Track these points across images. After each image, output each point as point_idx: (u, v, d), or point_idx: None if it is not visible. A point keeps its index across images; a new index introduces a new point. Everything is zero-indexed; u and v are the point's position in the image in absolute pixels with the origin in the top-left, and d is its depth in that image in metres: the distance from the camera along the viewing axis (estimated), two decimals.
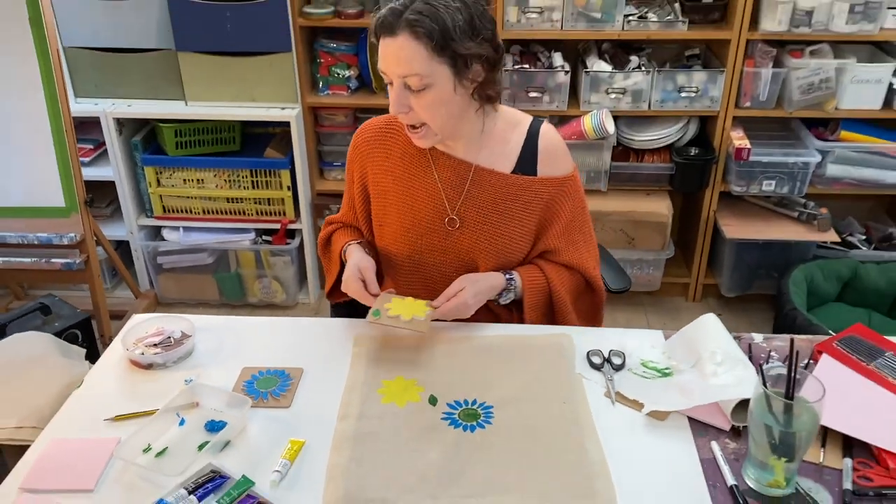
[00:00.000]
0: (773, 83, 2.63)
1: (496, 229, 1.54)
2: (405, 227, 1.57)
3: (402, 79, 1.36)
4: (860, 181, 2.75)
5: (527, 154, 1.54)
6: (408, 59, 1.34)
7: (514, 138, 1.55)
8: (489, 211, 1.54)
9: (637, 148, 2.80)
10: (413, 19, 1.32)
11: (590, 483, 1.16)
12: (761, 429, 1.12)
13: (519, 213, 1.54)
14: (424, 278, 1.61)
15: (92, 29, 2.71)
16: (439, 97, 1.38)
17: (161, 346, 1.46)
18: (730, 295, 2.95)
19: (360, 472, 1.18)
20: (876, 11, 2.50)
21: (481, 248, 1.55)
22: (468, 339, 1.49)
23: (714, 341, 1.40)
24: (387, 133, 1.58)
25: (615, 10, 2.58)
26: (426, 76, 1.35)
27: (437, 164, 1.54)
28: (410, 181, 1.55)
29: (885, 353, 1.40)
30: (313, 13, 2.65)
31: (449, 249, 1.57)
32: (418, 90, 1.37)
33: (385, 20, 1.34)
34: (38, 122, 2.39)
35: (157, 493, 1.15)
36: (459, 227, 1.55)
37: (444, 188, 1.54)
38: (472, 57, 1.37)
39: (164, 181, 2.87)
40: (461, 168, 1.53)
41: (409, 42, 1.33)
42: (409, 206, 1.56)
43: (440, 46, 1.33)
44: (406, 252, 1.59)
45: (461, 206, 1.54)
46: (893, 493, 1.15)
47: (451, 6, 1.34)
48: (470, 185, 1.53)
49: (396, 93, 1.39)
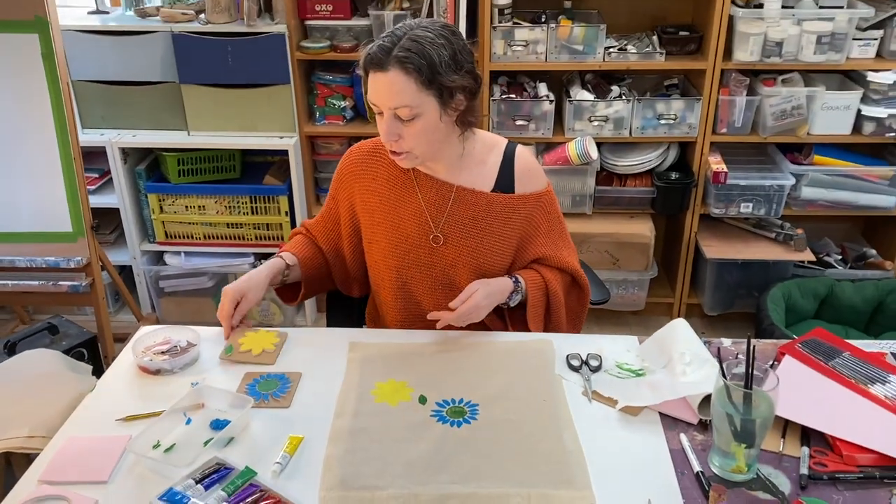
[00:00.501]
0: (747, 110, 2.77)
1: (477, 244, 1.65)
2: (392, 245, 1.67)
3: (393, 110, 1.47)
4: (834, 203, 2.88)
5: (504, 174, 1.66)
6: (398, 92, 1.45)
7: (492, 160, 1.67)
8: (470, 227, 1.65)
9: (620, 173, 2.93)
10: (403, 56, 1.43)
11: (567, 470, 1.26)
12: (723, 418, 1.22)
13: (499, 229, 1.65)
14: (409, 292, 1.70)
15: (99, 63, 2.84)
16: (427, 125, 1.50)
17: (168, 353, 1.56)
18: (712, 313, 3.06)
19: (354, 462, 1.28)
20: (842, 42, 2.65)
21: (463, 263, 1.66)
22: (456, 345, 1.59)
23: (683, 343, 1.50)
24: (374, 157, 1.69)
25: (596, 43, 2.73)
26: (415, 107, 1.46)
27: (421, 186, 1.65)
28: (396, 202, 1.66)
29: (843, 354, 1.51)
30: (310, 47, 2.79)
31: (434, 264, 1.67)
32: (407, 120, 1.48)
33: (375, 56, 1.45)
34: (48, 151, 2.50)
35: (166, 484, 1.23)
36: (443, 243, 1.65)
37: (427, 208, 1.65)
38: (456, 88, 1.49)
39: (166, 208, 2.99)
40: (444, 189, 1.64)
41: (400, 77, 1.44)
42: (396, 225, 1.66)
43: (428, 80, 1.45)
44: (394, 267, 1.68)
45: (444, 223, 1.65)
46: (845, 476, 1.24)
47: (437, 42, 1.45)
48: (452, 204, 1.64)
49: (387, 123, 1.49)
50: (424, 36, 1.45)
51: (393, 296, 1.72)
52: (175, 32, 2.75)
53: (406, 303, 1.71)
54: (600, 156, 2.85)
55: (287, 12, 2.74)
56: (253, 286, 1.64)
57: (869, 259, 3.01)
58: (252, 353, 1.57)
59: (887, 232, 3.02)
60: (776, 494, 1.21)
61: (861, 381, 1.43)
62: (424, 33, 1.45)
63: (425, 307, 1.68)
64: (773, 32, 2.63)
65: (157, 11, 2.85)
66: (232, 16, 2.79)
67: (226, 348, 1.58)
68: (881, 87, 2.68)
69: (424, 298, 1.69)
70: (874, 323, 2.85)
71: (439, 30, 1.48)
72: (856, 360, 1.49)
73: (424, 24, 1.48)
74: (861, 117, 2.75)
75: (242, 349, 1.58)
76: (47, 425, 1.83)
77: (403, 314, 1.72)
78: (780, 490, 1.22)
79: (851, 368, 1.46)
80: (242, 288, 1.63)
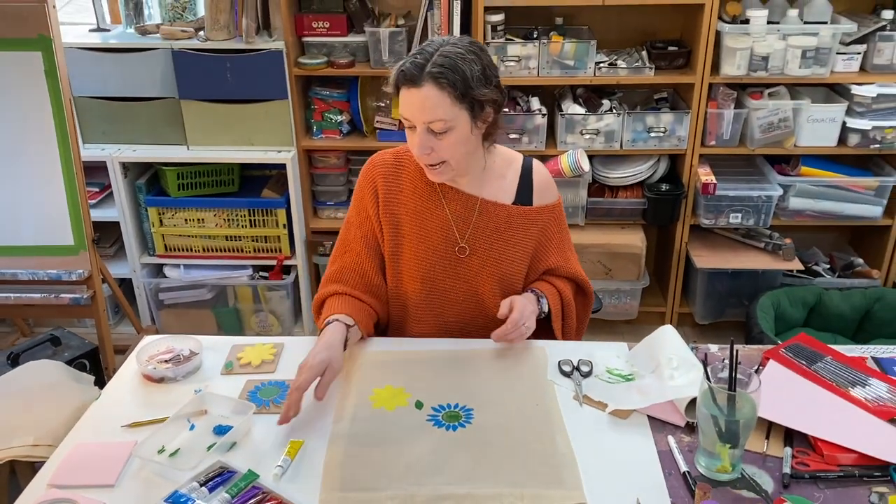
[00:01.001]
0: (735, 123, 2.83)
1: (500, 255, 1.70)
2: (419, 257, 1.70)
3: (427, 124, 1.51)
4: (821, 213, 2.94)
5: (523, 187, 1.72)
6: (433, 106, 1.48)
7: (510, 174, 1.73)
8: (493, 239, 1.70)
9: (611, 185, 2.99)
10: (437, 72, 1.47)
11: (558, 472, 1.30)
12: (708, 420, 1.27)
13: (519, 240, 1.71)
14: (432, 303, 1.73)
15: (100, 80, 2.89)
16: (459, 138, 1.54)
17: (171, 362, 1.60)
18: (703, 322, 3.11)
19: (353, 466, 1.32)
20: (826, 57, 2.71)
21: (487, 273, 1.70)
22: (451, 352, 1.64)
23: (671, 349, 1.56)
24: (397, 169, 1.70)
25: (587, 58, 2.80)
26: (449, 121, 1.50)
27: (447, 199, 1.68)
28: (423, 214, 1.69)
29: (825, 358, 1.56)
30: (308, 63, 2.85)
31: (459, 275, 1.71)
32: (441, 133, 1.52)
33: (409, 73, 1.49)
34: (50, 166, 2.55)
35: (171, 488, 1.28)
36: (468, 254, 1.70)
37: (454, 220, 1.69)
38: (486, 101, 1.54)
39: (166, 221, 3.03)
40: (469, 201, 1.69)
41: (434, 92, 1.48)
42: (423, 237, 1.69)
43: (461, 94, 1.49)
44: (419, 278, 1.71)
45: (470, 235, 1.69)
46: (826, 475, 1.29)
47: (467, 58, 1.50)
48: (477, 216, 1.69)
49: (420, 137, 1.52)
50: (455, 52, 1.49)
51: (416, 307, 1.74)
52: (175, 49, 2.80)
53: (430, 314, 1.74)
54: (592, 168, 2.91)
55: (285, 29, 2.80)
56: (335, 356, 1.51)
57: (856, 268, 3.07)
58: (252, 366, 1.62)
59: (874, 241, 3.09)
60: (760, 493, 1.26)
61: (842, 385, 1.48)
62: (454, 49, 1.50)
63: (448, 317, 1.73)
64: (760, 47, 2.70)
65: (157, 29, 2.91)
66: (231, 33, 2.85)
67: (226, 364, 1.63)
68: (865, 100, 2.74)
69: (448, 309, 1.73)
70: (862, 331, 2.91)
71: (468, 46, 1.52)
72: (837, 364, 1.54)
73: (453, 41, 1.52)
74: (846, 129, 2.82)
75: (242, 363, 1.63)
76: (52, 434, 1.86)
77: (426, 325, 1.75)
78: (763, 489, 1.27)
79: (833, 372, 1.52)
80: (325, 359, 1.48)
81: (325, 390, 1.47)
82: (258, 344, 1.68)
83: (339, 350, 1.54)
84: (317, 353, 1.49)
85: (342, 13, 2.89)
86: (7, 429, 1.89)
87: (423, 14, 2.80)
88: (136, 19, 3.00)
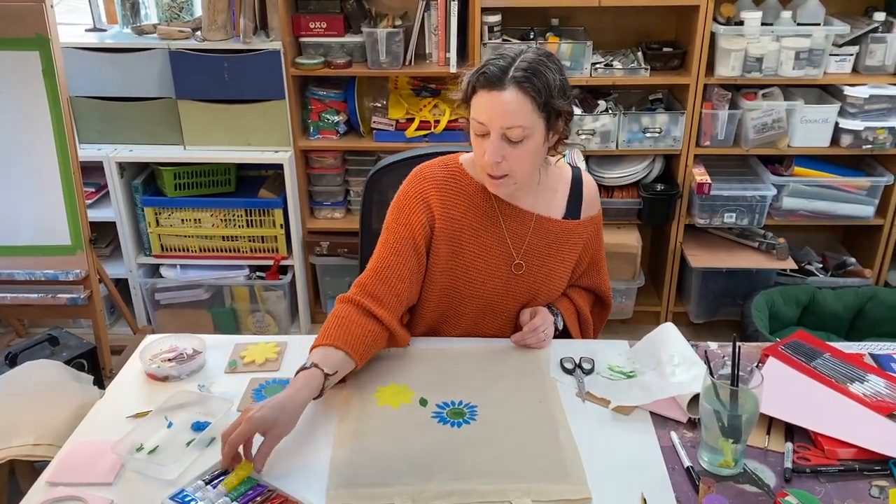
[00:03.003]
0: (729, 123, 2.86)
1: (550, 271, 1.69)
2: (476, 272, 1.65)
3: (504, 130, 1.45)
4: (814, 213, 2.97)
5: (573, 200, 1.69)
6: (514, 112, 1.43)
7: (561, 188, 1.68)
8: (546, 256, 1.68)
9: (607, 185, 3.01)
10: (521, 77, 1.42)
11: (563, 466, 1.31)
12: (711, 415, 1.29)
13: (568, 255, 1.70)
14: (480, 317, 1.71)
15: (97, 80, 2.89)
16: (533, 148, 1.49)
17: (175, 360, 1.61)
18: (698, 321, 3.13)
19: (360, 463, 1.32)
20: (819, 58, 2.74)
21: (538, 289, 1.69)
22: (455, 350, 1.65)
23: (673, 346, 1.57)
24: (451, 183, 1.63)
25: (583, 59, 2.81)
26: (528, 128, 1.45)
27: (504, 215, 1.64)
28: (481, 230, 1.64)
29: (824, 355, 1.58)
30: (305, 63, 2.86)
31: (509, 293, 1.69)
32: (517, 141, 1.46)
33: (492, 75, 1.43)
34: (47, 166, 2.55)
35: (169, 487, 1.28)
36: (523, 271, 1.67)
37: (510, 237, 1.65)
38: (563, 113, 1.50)
39: (162, 221, 3.03)
40: (525, 217, 1.65)
41: (518, 96, 1.43)
42: (481, 253, 1.64)
43: (543, 103, 1.44)
44: (472, 294, 1.67)
45: (525, 252, 1.67)
46: (827, 470, 1.31)
47: (551, 67, 1.46)
48: (532, 233, 1.66)
49: (494, 143, 1.46)
50: (538, 59, 1.46)
51: (459, 318, 1.70)
52: (172, 49, 2.80)
53: (473, 326, 1.71)
54: (588, 168, 2.93)
55: (282, 30, 2.81)
56: (285, 419, 1.31)
57: (849, 267, 3.11)
58: (256, 364, 1.62)
59: (866, 241, 3.12)
60: (762, 487, 1.28)
61: (841, 381, 1.50)
62: (536, 57, 1.46)
63: (487, 330, 1.71)
64: (754, 48, 2.72)
65: (154, 29, 2.91)
66: (228, 33, 2.85)
67: (230, 362, 1.63)
68: (857, 101, 2.77)
69: (492, 322, 1.71)
70: (854, 329, 2.94)
71: (547, 55, 1.49)
72: (836, 361, 1.56)
73: (532, 49, 1.48)
74: (839, 130, 2.85)
75: (245, 361, 1.63)
76: (53, 433, 1.86)
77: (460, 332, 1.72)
78: (765, 483, 1.29)
79: (832, 368, 1.54)
80: (271, 419, 1.28)
81: (263, 461, 1.27)
82: (261, 342, 1.69)
83: (295, 414, 1.34)
84: (264, 410, 1.29)
85: (339, 14, 2.90)
86: (7, 428, 1.88)
87: (420, 15, 2.82)
88: (133, 19, 3.00)
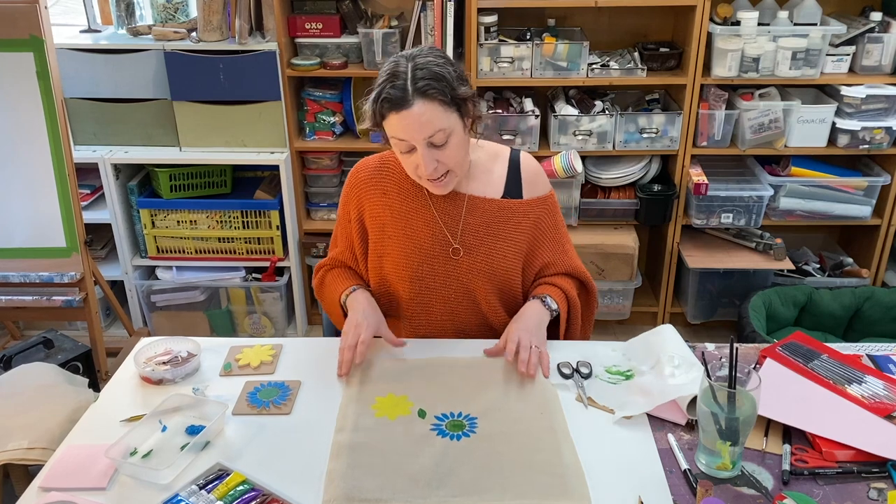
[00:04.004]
0: (726, 124, 2.85)
1: (491, 251, 1.69)
2: (405, 256, 1.69)
3: (427, 139, 1.50)
4: (811, 213, 2.96)
5: (512, 180, 1.72)
6: (429, 121, 1.48)
7: (497, 168, 1.73)
8: (484, 235, 1.69)
9: (604, 185, 3.00)
10: (423, 86, 1.46)
11: (566, 482, 1.29)
12: (709, 417, 1.28)
13: (511, 234, 1.70)
14: (423, 302, 1.73)
15: (92, 81, 2.88)
16: (458, 141, 1.54)
17: (170, 363, 1.60)
18: (695, 322, 3.13)
19: (357, 476, 1.30)
20: (816, 58, 2.74)
21: (478, 270, 1.69)
22: (452, 359, 1.62)
23: (672, 347, 1.57)
24: (382, 172, 1.72)
25: (580, 60, 2.81)
26: (447, 128, 1.50)
27: (433, 197, 1.68)
28: (409, 214, 1.68)
29: (821, 356, 1.57)
30: (300, 64, 2.85)
31: (450, 274, 1.70)
32: (442, 143, 1.51)
33: (394, 98, 1.47)
34: (42, 168, 2.54)
35: (164, 491, 1.27)
36: (462, 253, 1.69)
37: (442, 219, 1.68)
38: (468, 98, 1.54)
39: (158, 223, 3.02)
40: (456, 199, 1.68)
41: (426, 105, 1.47)
42: (409, 237, 1.68)
43: (450, 99, 1.50)
44: (407, 279, 1.70)
45: (461, 234, 1.68)
46: (825, 472, 1.31)
47: (440, 62, 1.51)
48: (466, 213, 1.68)
49: (424, 154, 1.51)
50: (427, 61, 1.49)
51: (406, 308, 1.74)
52: (167, 50, 2.79)
53: (422, 312, 1.73)
54: (585, 169, 2.93)
55: (278, 30, 2.80)
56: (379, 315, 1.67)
57: (846, 267, 3.10)
58: (251, 367, 1.61)
59: (863, 241, 3.12)
60: (760, 490, 1.27)
61: (839, 382, 1.50)
62: (425, 59, 1.50)
63: (442, 316, 1.72)
64: (750, 49, 2.72)
65: (149, 30, 2.90)
66: (223, 34, 2.84)
67: (224, 365, 1.62)
68: (854, 101, 2.77)
69: (439, 308, 1.72)
70: (852, 329, 2.94)
71: (432, 51, 1.53)
72: (833, 362, 1.56)
73: (417, 52, 1.52)
74: (836, 130, 2.84)
75: (241, 364, 1.62)
76: (47, 437, 1.85)
77: (419, 324, 1.74)
78: (763, 485, 1.28)
79: (829, 370, 1.53)
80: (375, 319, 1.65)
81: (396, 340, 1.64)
82: (257, 345, 1.68)
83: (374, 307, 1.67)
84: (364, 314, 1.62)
85: (335, 14, 2.89)
86: (1, 431, 1.87)
87: (416, 15, 2.81)
88: (128, 20, 2.98)
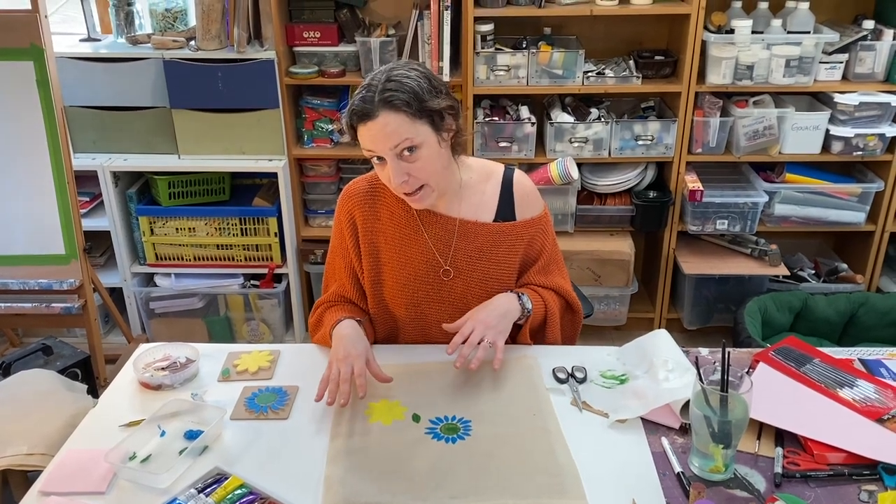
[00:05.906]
0: (721, 131, 2.88)
1: (485, 274, 1.69)
2: (401, 283, 1.68)
3: (395, 150, 1.48)
4: (805, 219, 2.99)
5: (504, 202, 1.70)
6: (393, 131, 1.47)
7: (490, 189, 1.71)
8: (477, 259, 1.68)
9: (600, 192, 3.02)
10: (388, 96, 1.46)
11: (561, 481, 1.30)
12: (701, 420, 1.30)
13: (504, 257, 1.70)
14: (422, 325, 1.73)
15: (91, 89, 2.90)
16: (430, 154, 1.51)
17: (168, 369, 1.61)
18: (691, 327, 3.14)
19: (355, 481, 1.31)
20: (810, 66, 2.77)
21: (472, 293, 1.69)
22: (445, 364, 1.62)
23: (666, 351, 1.59)
24: (373, 196, 1.69)
25: (575, 68, 2.83)
26: (414, 138, 1.48)
27: (425, 223, 1.67)
28: (402, 241, 1.67)
29: (814, 360, 1.59)
30: (299, 73, 2.87)
31: (444, 298, 1.70)
32: (410, 154, 1.49)
33: (361, 109, 1.47)
34: (41, 175, 2.55)
35: (162, 495, 1.28)
36: (453, 277, 1.69)
37: (434, 244, 1.67)
38: (443, 110, 1.53)
39: (157, 230, 3.04)
40: (447, 224, 1.67)
41: (390, 116, 1.46)
42: (403, 263, 1.67)
43: (417, 109, 1.47)
44: (404, 304, 1.70)
45: (452, 258, 1.68)
46: (816, 474, 1.32)
47: (411, 74, 1.50)
48: (457, 238, 1.68)
49: (392, 166, 1.50)
50: (397, 74, 1.49)
51: (404, 330, 1.74)
52: (166, 59, 2.82)
53: (420, 336, 1.74)
54: (581, 176, 2.95)
55: (276, 39, 2.82)
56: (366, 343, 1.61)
57: (841, 273, 3.12)
58: (249, 372, 1.63)
59: (857, 247, 3.14)
60: (752, 492, 1.29)
61: (830, 386, 1.51)
62: (400, 72, 1.50)
63: (436, 339, 1.71)
64: (745, 56, 2.75)
65: (148, 39, 2.92)
66: (222, 42, 2.86)
67: (223, 370, 1.63)
68: (847, 108, 2.79)
69: (435, 330, 1.71)
70: (847, 335, 2.95)
71: (406, 64, 1.53)
72: (825, 366, 1.57)
73: (392, 66, 1.53)
74: (829, 137, 2.86)
75: (239, 369, 1.63)
76: (46, 443, 1.86)
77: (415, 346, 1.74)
78: (755, 488, 1.30)
79: (821, 374, 1.55)
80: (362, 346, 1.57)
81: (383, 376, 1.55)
82: (255, 351, 1.69)
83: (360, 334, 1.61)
84: (353, 347, 1.55)
85: (333, 23, 2.91)
86: (1, 437, 1.88)
87: (413, 24, 2.83)
88: (127, 29, 3.00)
